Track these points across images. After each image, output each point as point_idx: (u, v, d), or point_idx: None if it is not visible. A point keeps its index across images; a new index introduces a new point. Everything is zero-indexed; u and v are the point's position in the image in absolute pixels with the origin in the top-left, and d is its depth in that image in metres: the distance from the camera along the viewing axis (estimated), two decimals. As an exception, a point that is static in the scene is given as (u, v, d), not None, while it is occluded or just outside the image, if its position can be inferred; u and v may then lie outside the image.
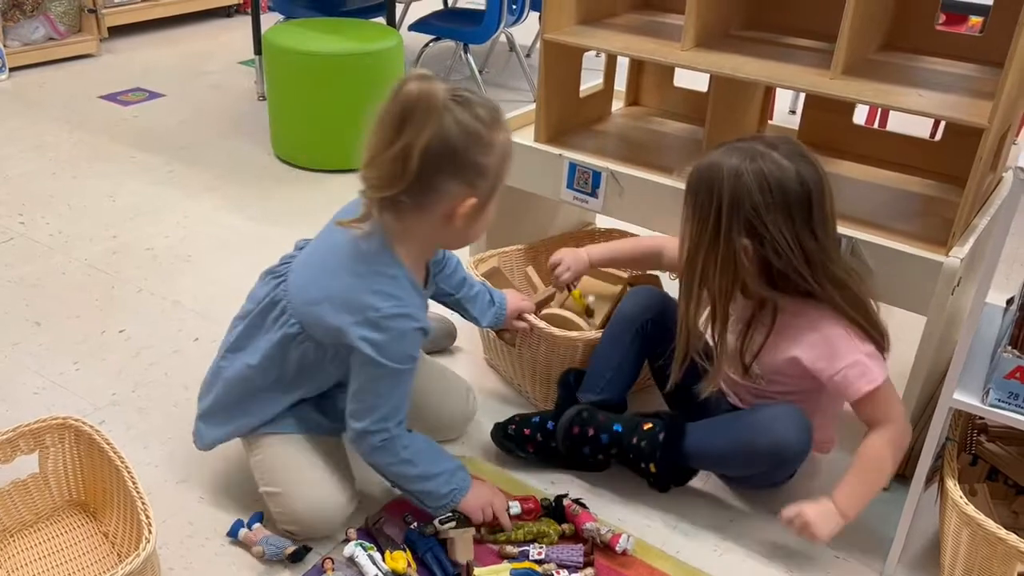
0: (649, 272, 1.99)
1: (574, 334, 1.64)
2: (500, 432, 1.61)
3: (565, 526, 1.45)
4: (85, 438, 1.37)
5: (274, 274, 1.43)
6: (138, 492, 1.24)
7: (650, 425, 1.50)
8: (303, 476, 1.40)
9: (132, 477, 1.27)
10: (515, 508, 1.45)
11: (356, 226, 1.30)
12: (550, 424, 1.59)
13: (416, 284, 1.33)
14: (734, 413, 1.51)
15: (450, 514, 1.40)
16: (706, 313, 1.41)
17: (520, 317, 1.66)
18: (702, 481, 1.59)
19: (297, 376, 1.40)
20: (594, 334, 1.64)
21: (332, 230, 1.37)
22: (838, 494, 1.37)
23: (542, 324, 1.64)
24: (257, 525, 1.41)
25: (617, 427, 1.52)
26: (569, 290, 1.76)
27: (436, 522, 1.40)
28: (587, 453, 1.54)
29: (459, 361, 1.92)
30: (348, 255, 1.31)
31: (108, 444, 1.33)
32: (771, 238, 1.29)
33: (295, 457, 1.42)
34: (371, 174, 1.24)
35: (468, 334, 1.94)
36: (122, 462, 1.29)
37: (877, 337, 1.36)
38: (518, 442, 1.59)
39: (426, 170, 1.21)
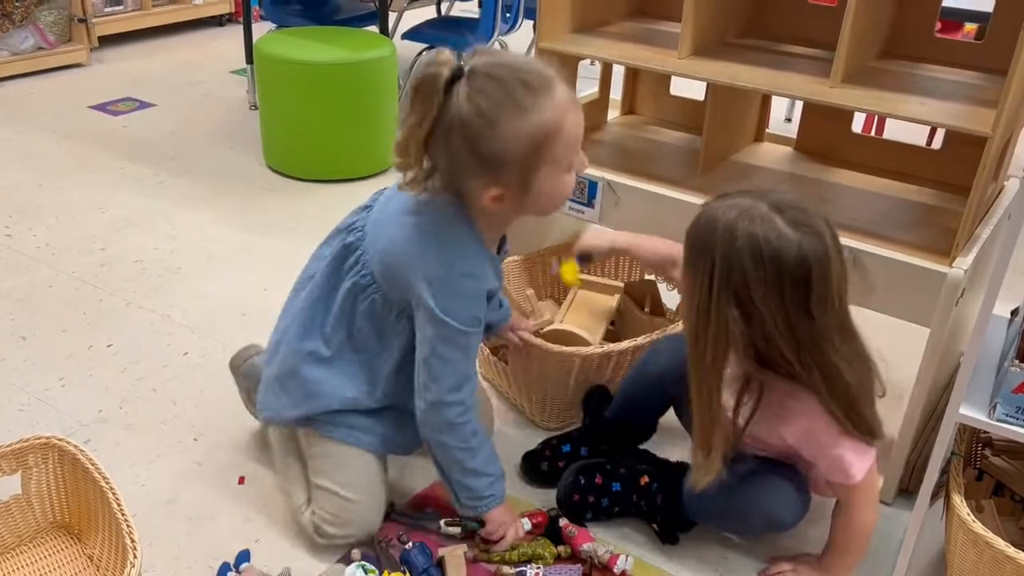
0: (646, 279, 1.96)
1: (569, 349, 1.60)
2: (532, 469, 1.58)
3: (561, 548, 1.41)
4: (69, 458, 1.33)
5: (349, 228, 1.37)
6: (123, 514, 1.20)
7: (646, 479, 1.47)
8: (372, 489, 1.42)
9: (117, 498, 1.23)
10: (527, 525, 1.42)
11: (412, 184, 1.25)
12: (583, 450, 1.57)
13: (483, 244, 1.29)
14: (732, 480, 1.38)
15: (458, 519, 1.39)
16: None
17: (514, 331, 1.62)
18: None
19: (367, 336, 1.36)
20: (589, 350, 1.60)
21: None
22: (831, 566, 1.36)
23: (537, 340, 1.60)
24: (245, 565, 1.36)
25: (616, 486, 1.48)
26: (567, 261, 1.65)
27: (443, 522, 1.38)
28: (590, 517, 1.51)
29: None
30: (420, 209, 1.28)
31: (93, 464, 1.29)
32: (758, 316, 1.15)
33: (370, 469, 1.42)
34: (397, 147, 1.21)
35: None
36: (107, 483, 1.26)
37: (860, 436, 1.25)
38: (556, 476, 1.55)
39: (440, 160, 1.20)
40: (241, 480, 1.56)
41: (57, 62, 3.81)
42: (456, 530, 1.40)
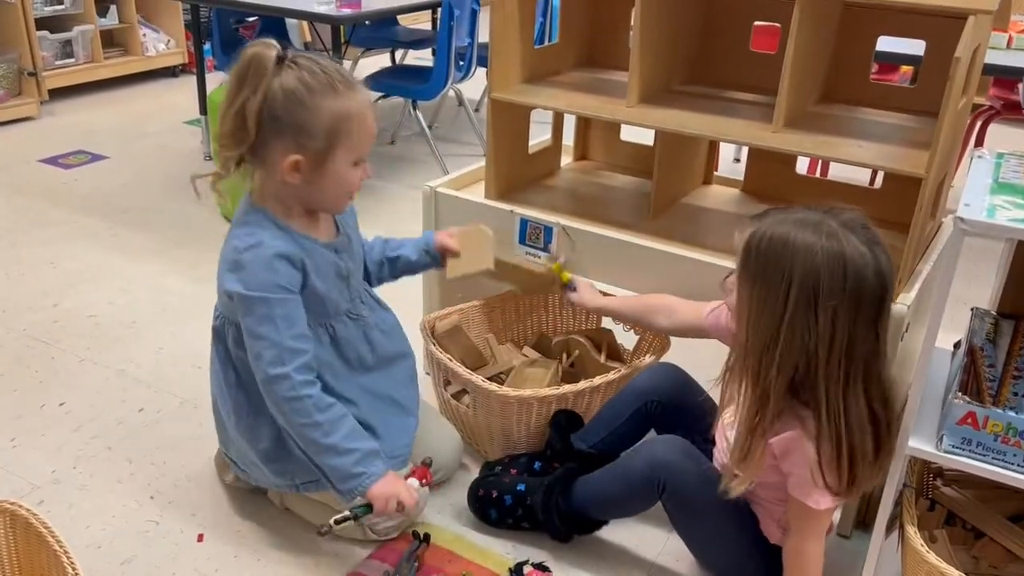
0: (602, 327, 1.99)
1: (526, 393, 1.61)
2: (482, 516, 1.59)
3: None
4: (22, 522, 1.30)
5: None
6: (78, 579, 1.17)
7: (550, 480, 1.52)
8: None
9: (72, 563, 1.20)
10: (414, 483, 1.43)
11: (213, 177, 1.40)
12: (536, 465, 1.61)
13: (284, 224, 1.38)
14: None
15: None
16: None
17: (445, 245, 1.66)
18: (677, 559, 1.54)
19: (247, 366, 1.40)
20: (548, 392, 1.62)
21: None
22: None
23: (494, 387, 1.62)
24: None
25: (521, 487, 1.54)
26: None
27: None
28: (495, 517, 1.55)
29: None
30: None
31: (46, 528, 1.26)
32: (817, 333, 1.16)
33: None
34: (220, 132, 1.34)
35: (427, 390, 1.89)
36: (61, 547, 1.22)
37: (839, 490, 1.25)
38: (500, 514, 1.57)
39: (260, 130, 1.31)
40: (200, 538, 1.54)
41: (6, 116, 3.77)
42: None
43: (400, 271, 1.67)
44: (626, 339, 1.97)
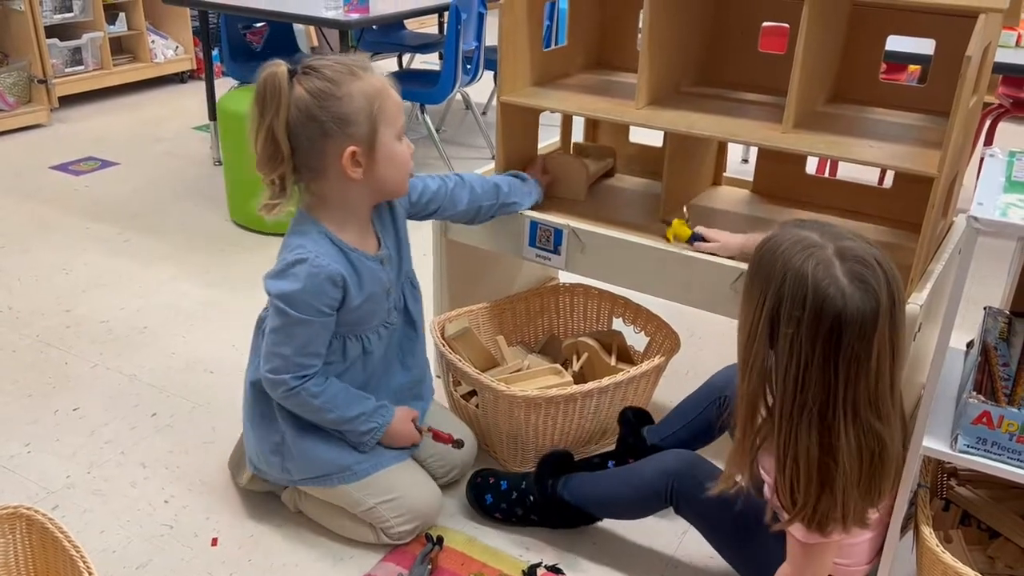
0: (612, 329, 1.99)
1: (533, 393, 1.61)
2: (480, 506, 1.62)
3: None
4: (38, 527, 1.31)
5: None
6: (95, 583, 1.18)
7: (539, 463, 1.58)
8: (412, 479, 1.55)
9: (88, 567, 1.21)
10: (428, 436, 1.58)
11: (271, 204, 1.38)
12: (610, 463, 1.64)
13: (337, 239, 1.41)
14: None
15: None
16: None
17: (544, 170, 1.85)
18: (691, 560, 1.54)
19: None
20: (556, 392, 1.62)
21: None
22: None
23: (502, 387, 1.62)
24: None
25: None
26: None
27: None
28: (490, 502, 1.58)
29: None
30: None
31: (62, 533, 1.27)
32: (776, 356, 1.14)
33: (396, 469, 1.55)
34: (257, 162, 1.37)
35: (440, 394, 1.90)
36: (77, 551, 1.23)
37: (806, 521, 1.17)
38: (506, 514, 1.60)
39: (299, 142, 1.34)
40: (214, 542, 1.54)
41: (17, 123, 3.79)
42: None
43: (505, 213, 1.77)
44: (636, 340, 1.97)
